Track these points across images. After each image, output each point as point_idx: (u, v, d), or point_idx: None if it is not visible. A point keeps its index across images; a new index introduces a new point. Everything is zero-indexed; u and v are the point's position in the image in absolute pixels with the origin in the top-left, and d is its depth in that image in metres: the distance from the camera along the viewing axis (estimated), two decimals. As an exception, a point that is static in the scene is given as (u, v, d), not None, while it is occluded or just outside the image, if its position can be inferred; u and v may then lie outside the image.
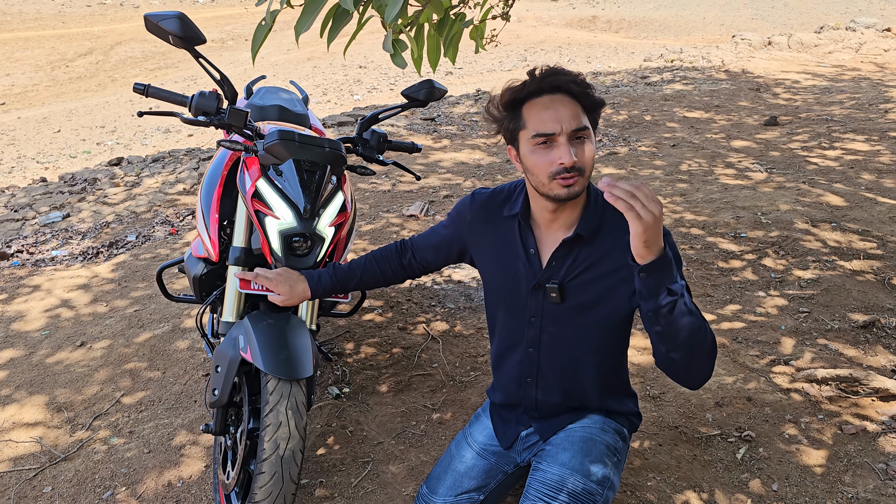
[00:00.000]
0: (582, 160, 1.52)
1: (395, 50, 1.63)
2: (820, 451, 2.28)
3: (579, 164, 1.51)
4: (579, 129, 1.51)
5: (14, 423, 2.59)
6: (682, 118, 7.09)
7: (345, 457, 2.34)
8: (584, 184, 1.54)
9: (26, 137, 12.05)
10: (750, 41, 11.89)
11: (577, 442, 1.69)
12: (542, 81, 1.53)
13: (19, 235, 4.56)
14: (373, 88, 13.97)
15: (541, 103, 1.53)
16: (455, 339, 3.07)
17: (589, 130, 1.53)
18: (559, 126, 1.50)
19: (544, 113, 1.52)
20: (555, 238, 1.66)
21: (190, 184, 5.40)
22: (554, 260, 1.64)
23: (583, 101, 1.54)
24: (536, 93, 1.54)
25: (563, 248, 1.63)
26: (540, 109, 1.53)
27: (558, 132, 1.50)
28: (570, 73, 1.54)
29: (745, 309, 3.18)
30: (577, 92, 1.52)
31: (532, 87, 1.54)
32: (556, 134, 1.50)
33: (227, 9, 28.66)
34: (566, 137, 1.50)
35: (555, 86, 1.52)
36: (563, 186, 1.52)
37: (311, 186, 1.92)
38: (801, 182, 4.83)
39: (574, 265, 1.63)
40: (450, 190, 5.06)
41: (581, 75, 1.55)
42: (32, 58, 20.03)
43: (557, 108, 1.51)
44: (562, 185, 1.52)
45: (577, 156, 1.51)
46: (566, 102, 1.52)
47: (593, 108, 1.56)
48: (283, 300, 1.87)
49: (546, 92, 1.53)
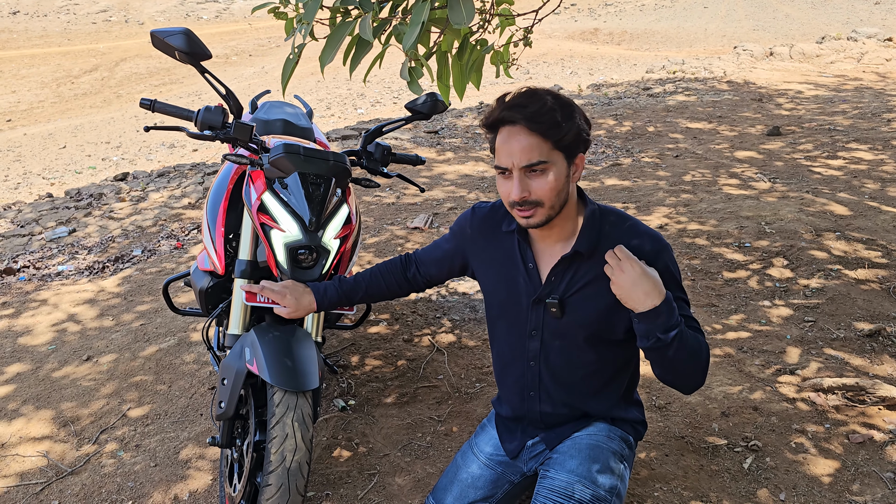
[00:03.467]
0: (537, 194, 1.51)
1: (412, 77, 1.66)
2: (827, 460, 2.27)
3: (532, 197, 1.52)
4: (531, 164, 1.50)
5: (21, 438, 2.59)
6: (685, 129, 7.11)
7: (351, 469, 2.34)
8: (546, 214, 1.54)
9: (32, 154, 12.12)
10: (752, 52, 11.93)
11: (584, 449, 1.69)
12: (501, 112, 1.52)
13: (26, 251, 4.58)
14: (376, 102, 14.04)
15: (501, 135, 1.54)
16: (460, 350, 3.07)
17: (548, 164, 1.50)
18: (511, 161, 1.51)
19: (502, 146, 1.54)
20: (552, 252, 1.67)
21: (195, 198, 5.43)
22: (553, 275, 1.65)
23: (543, 134, 1.49)
24: (499, 122, 1.54)
25: (561, 263, 1.64)
26: (501, 141, 1.54)
27: (510, 167, 1.52)
28: (530, 105, 1.50)
29: (750, 318, 3.18)
30: (532, 127, 1.49)
31: (494, 115, 1.55)
32: (510, 168, 1.52)
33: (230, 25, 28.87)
34: (518, 173, 1.51)
35: (509, 119, 1.51)
36: (522, 217, 1.56)
37: (317, 199, 1.94)
38: (805, 191, 4.83)
39: (574, 280, 1.63)
40: (454, 202, 5.07)
41: (547, 104, 1.50)
42: (38, 75, 20.18)
43: (511, 143, 1.51)
44: (520, 215, 1.56)
45: (531, 189, 1.51)
46: (521, 137, 1.50)
47: (560, 137, 1.51)
48: (289, 312, 1.88)
49: (506, 123, 1.53)
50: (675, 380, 1.59)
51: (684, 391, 1.63)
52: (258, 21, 27.56)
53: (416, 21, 1.51)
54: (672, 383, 1.62)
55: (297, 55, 1.74)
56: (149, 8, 30.69)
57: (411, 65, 1.66)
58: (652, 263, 1.56)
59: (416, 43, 1.56)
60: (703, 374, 1.59)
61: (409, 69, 1.66)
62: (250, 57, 22.66)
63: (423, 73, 1.70)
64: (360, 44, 1.65)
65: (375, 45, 1.72)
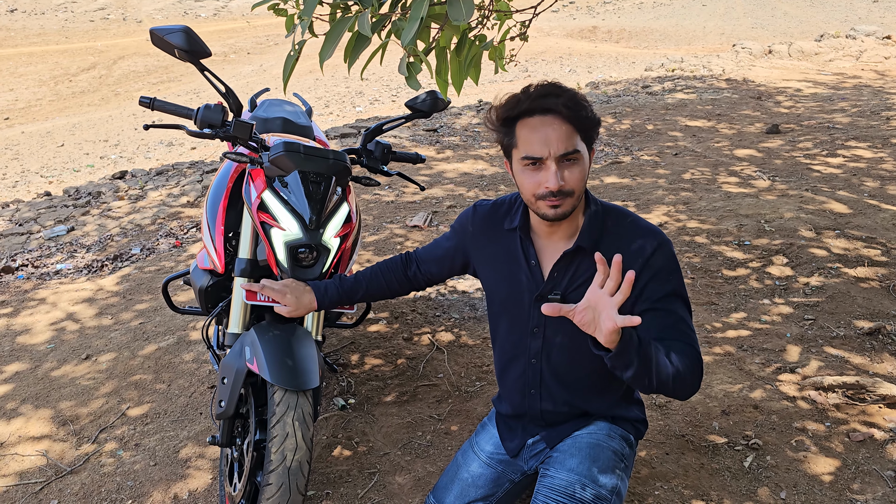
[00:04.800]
0: (570, 183, 1.51)
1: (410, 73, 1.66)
2: (828, 458, 2.27)
3: (567, 187, 1.51)
4: (568, 153, 1.50)
5: (20, 437, 2.59)
6: (685, 127, 7.11)
7: (351, 468, 2.34)
8: (573, 204, 1.55)
9: (30, 152, 12.10)
10: (750, 50, 11.93)
11: (585, 448, 1.68)
12: (533, 102, 1.51)
13: (24, 249, 4.57)
14: (375, 100, 14.03)
15: (531, 124, 1.52)
16: (460, 349, 3.07)
17: (580, 153, 1.52)
18: (547, 150, 1.49)
19: (533, 135, 1.51)
20: (555, 249, 1.66)
21: (194, 196, 5.42)
22: (556, 271, 1.65)
23: (575, 123, 1.51)
24: (528, 112, 1.52)
25: (564, 259, 1.63)
26: (530, 131, 1.52)
27: (546, 156, 1.50)
28: (564, 94, 1.51)
29: (750, 317, 3.18)
30: (568, 115, 1.50)
31: (524, 106, 1.52)
32: (545, 158, 1.50)
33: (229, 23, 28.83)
34: (554, 161, 1.49)
35: (545, 108, 1.50)
36: (550, 207, 1.53)
37: (317, 197, 1.93)
38: (805, 190, 4.83)
39: (576, 276, 1.63)
40: (453, 200, 5.07)
41: (576, 94, 1.52)
42: (36, 73, 20.15)
43: (547, 131, 1.49)
44: (548, 206, 1.53)
45: (565, 179, 1.50)
46: (556, 125, 1.50)
47: (587, 128, 1.53)
48: (289, 311, 1.88)
49: (537, 113, 1.51)
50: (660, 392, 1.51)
51: (680, 399, 1.57)
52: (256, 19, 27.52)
53: (416, 16, 1.51)
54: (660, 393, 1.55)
55: (297, 52, 1.74)
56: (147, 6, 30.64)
57: (410, 60, 1.66)
58: (653, 262, 1.56)
59: (415, 38, 1.56)
60: (691, 387, 1.51)
61: (407, 65, 1.66)
62: (248, 55, 22.63)
63: (422, 68, 1.70)
64: (360, 39, 1.65)
65: (374, 40, 1.72)
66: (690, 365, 1.49)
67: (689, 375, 1.49)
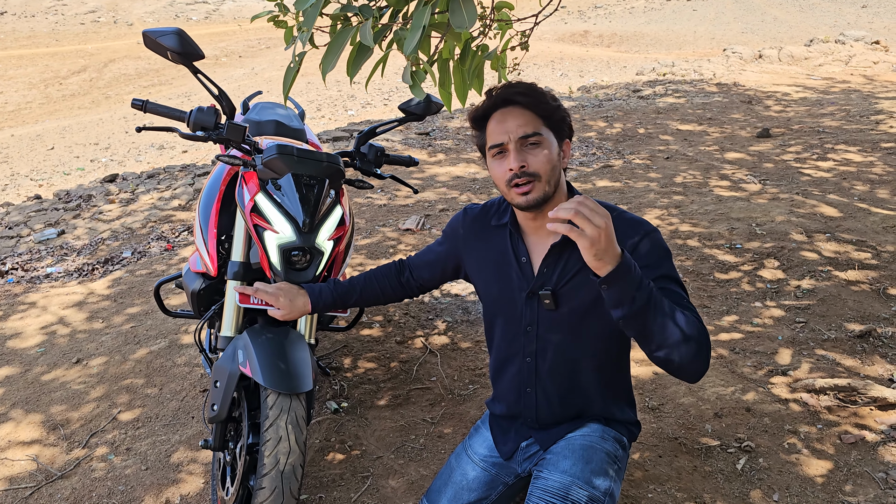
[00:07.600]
0: (533, 165, 1.57)
1: (414, 81, 1.67)
2: (820, 460, 2.28)
3: (530, 169, 1.56)
4: (528, 135, 1.57)
5: (10, 442, 2.57)
6: (676, 131, 7.14)
7: (344, 472, 2.33)
8: (543, 189, 1.58)
9: (20, 155, 12.03)
10: (741, 54, 12.00)
11: (578, 450, 1.69)
12: (495, 98, 1.62)
13: (14, 253, 4.54)
14: (367, 104, 14.02)
15: (496, 118, 1.62)
16: (453, 352, 3.06)
17: (542, 136, 1.58)
18: (507, 136, 1.58)
19: (496, 127, 1.61)
20: (544, 244, 1.68)
21: (185, 199, 5.40)
22: (545, 267, 1.66)
23: (536, 109, 1.59)
24: (492, 108, 1.63)
25: (552, 253, 1.64)
26: (495, 124, 1.62)
27: (507, 141, 1.58)
28: (522, 86, 1.61)
29: (741, 320, 3.19)
30: (526, 102, 1.59)
31: (487, 104, 1.64)
32: (506, 143, 1.59)
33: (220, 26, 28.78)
34: (515, 145, 1.57)
35: (504, 99, 1.61)
36: (520, 194, 1.58)
37: (310, 200, 1.93)
38: (795, 193, 4.86)
39: (566, 270, 1.64)
40: (446, 204, 5.07)
41: (535, 85, 1.62)
42: (26, 76, 20.04)
43: (506, 120, 1.60)
44: (518, 193, 1.58)
45: (527, 161, 1.57)
46: (516, 113, 1.59)
47: (550, 114, 1.61)
48: (283, 314, 1.87)
49: (499, 106, 1.62)
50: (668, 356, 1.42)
51: (688, 378, 1.47)
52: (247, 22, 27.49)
53: (417, 25, 1.52)
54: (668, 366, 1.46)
55: (297, 64, 1.74)
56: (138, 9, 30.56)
57: (413, 69, 1.67)
58: (640, 251, 1.56)
59: (416, 48, 1.56)
60: (701, 353, 1.43)
61: (411, 73, 1.66)
62: (240, 58, 22.60)
63: (426, 76, 1.70)
64: (361, 50, 1.66)
65: (376, 52, 1.73)
66: (697, 333, 1.42)
67: (698, 336, 1.42)
